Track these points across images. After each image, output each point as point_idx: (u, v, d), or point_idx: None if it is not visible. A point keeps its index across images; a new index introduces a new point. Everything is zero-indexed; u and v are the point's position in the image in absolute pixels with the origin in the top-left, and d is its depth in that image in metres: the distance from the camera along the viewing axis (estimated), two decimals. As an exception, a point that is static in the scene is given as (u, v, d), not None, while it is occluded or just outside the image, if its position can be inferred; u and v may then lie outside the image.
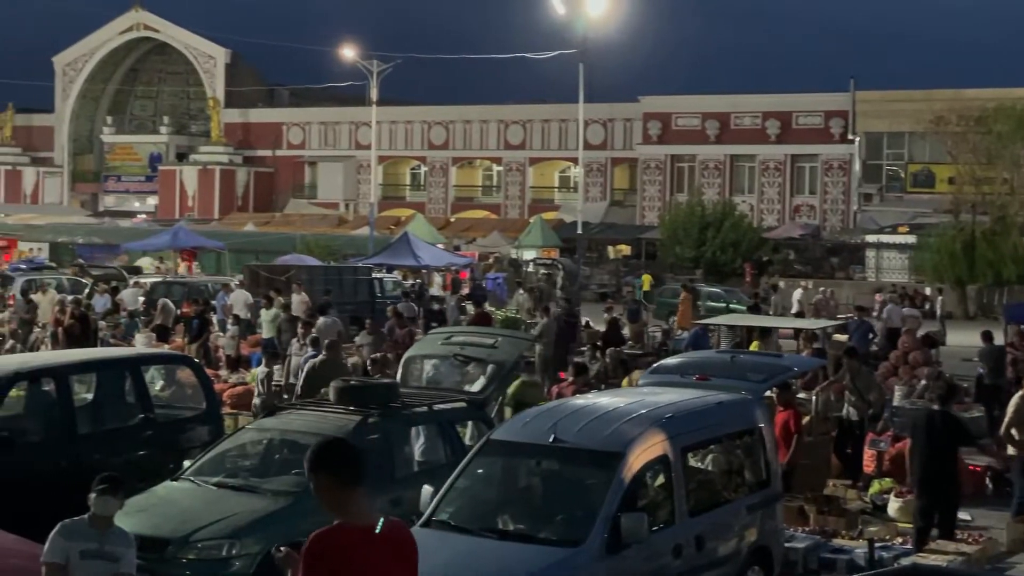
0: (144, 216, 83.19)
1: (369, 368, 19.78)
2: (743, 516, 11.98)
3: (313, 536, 5.91)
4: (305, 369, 19.03)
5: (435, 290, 43.89)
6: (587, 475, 10.98)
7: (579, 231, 51.48)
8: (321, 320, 24.79)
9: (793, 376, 16.96)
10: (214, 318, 30.71)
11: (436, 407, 14.53)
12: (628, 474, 10.62)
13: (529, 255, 58.01)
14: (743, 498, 12.11)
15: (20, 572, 10.50)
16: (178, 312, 31.48)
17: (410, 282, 42.56)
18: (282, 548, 6.55)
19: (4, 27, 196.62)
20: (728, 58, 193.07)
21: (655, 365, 15.15)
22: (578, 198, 59.32)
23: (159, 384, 17.63)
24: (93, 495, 8.97)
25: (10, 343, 27.34)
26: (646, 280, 54.25)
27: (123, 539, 8.99)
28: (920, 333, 26.96)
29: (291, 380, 21.04)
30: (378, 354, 21.62)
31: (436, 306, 35.80)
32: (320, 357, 19.14)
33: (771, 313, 38.18)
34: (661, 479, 11.20)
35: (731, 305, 42.17)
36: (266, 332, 27.96)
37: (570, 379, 20.07)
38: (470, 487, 11.29)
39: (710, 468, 12.24)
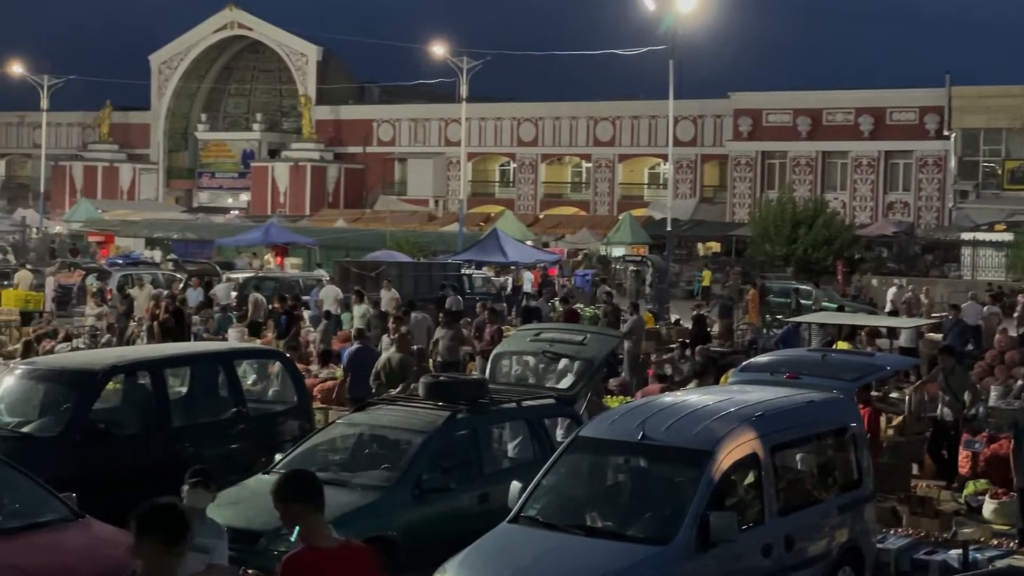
0: (237, 212, 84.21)
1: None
2: (834, 516, 11.86)
3: (284, 559, 6.60)
4: (381, 361, 19.15)
5: (525, 287, 43.93)
6: (675, 473, 10.94)
7: (668, 228, 51.23)
8: (412, 315, 24.97)
9: (886, 375, 16.75)
10: (306, 313, 31.00)
11: (525, 403, 14.56)
12: (717, 472, 10.56)
13: (618, 252, 57.81)
14: (834, 498, 11.98)
15: (118, 562, 10.69)
16: (270, 307, 31.82)
17: (500, 279, 42.66)
18: (249, 571, 7.04)
19: (102, 26, 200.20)
20: (820, 54, 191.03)
21: (745, 363, 15.05)
22: (667, 195, 59.02)
23: (251, 378, 17.79)
24: (186, 487, 9.09)
25: (107, 337, 27.82)
26: (706, 276, 53.88)
27: (215, 531, 9.08)
28: (1015, 332, 26.47)
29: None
30: (415, 347, 21.81)
31: (532, 303, 35.68)
32: (391, 351, 19.29)
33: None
34: (750, 478, 11.12)
35: (823, 303, 41.76)
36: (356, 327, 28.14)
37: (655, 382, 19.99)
38: (558, 484, 11.30)
39: (800, 467, 12.13)
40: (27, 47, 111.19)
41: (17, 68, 74.62)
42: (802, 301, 41.65)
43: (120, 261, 46.82)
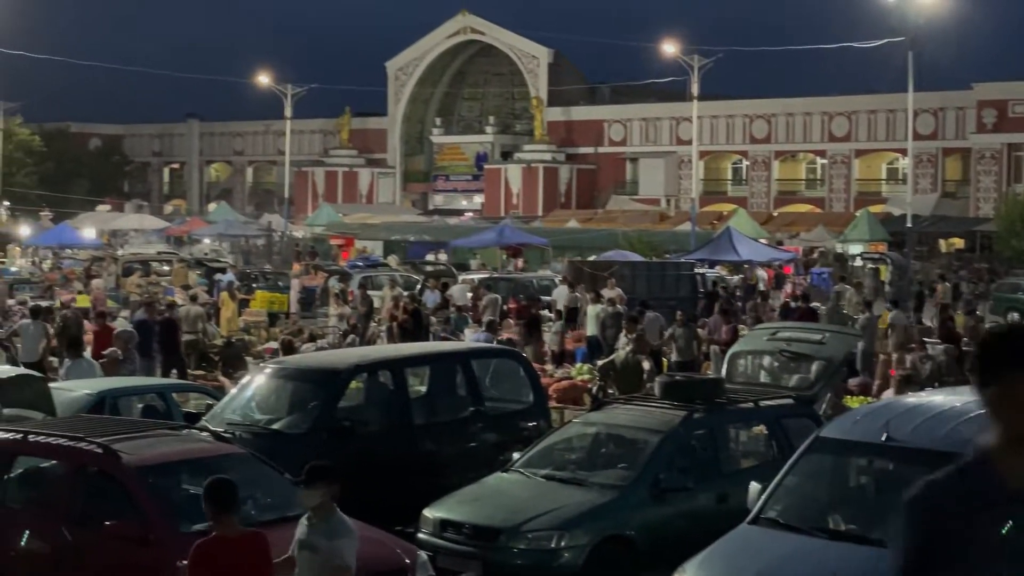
0: (471, 214, 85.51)
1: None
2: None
3: (194, 545, 8.35)
4: (618, 360, 19.17)
5: (759, 285, 43.31)
6: (922, 476, 10.60)
7: (908, 224, 49.87)
8: (646, 315, 24.96)
9: None
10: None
11: (762, 403, 14.38)
12: (967, 476, 10.18)
13: (855, 249, 56.50)
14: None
15: (362, 556, 10.97)
16: (504, 308, 32.20)
17: (736, 277, 42.18)
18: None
19: (342, 36, 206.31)
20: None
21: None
22: (907, 190, 57.42)
23: (488, 378, 18.00)
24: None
25: (349, 337, 28.61)
26: (882, 270, 51.93)
27: (330, 531, 8.88)
28: None
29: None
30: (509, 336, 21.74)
31: (806, 304, 34.71)
32: (628, 349, 19.30)
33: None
34: (1003, 482, 10.68)
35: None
36: (590, 328, 28.23)
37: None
38: (799, 485, 11.09)
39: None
40: (271, 58, 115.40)
41: (263, 79, 77.50)
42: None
43: (360, 263, 48.08)
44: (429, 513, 12.82)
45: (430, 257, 52.63)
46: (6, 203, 77.21)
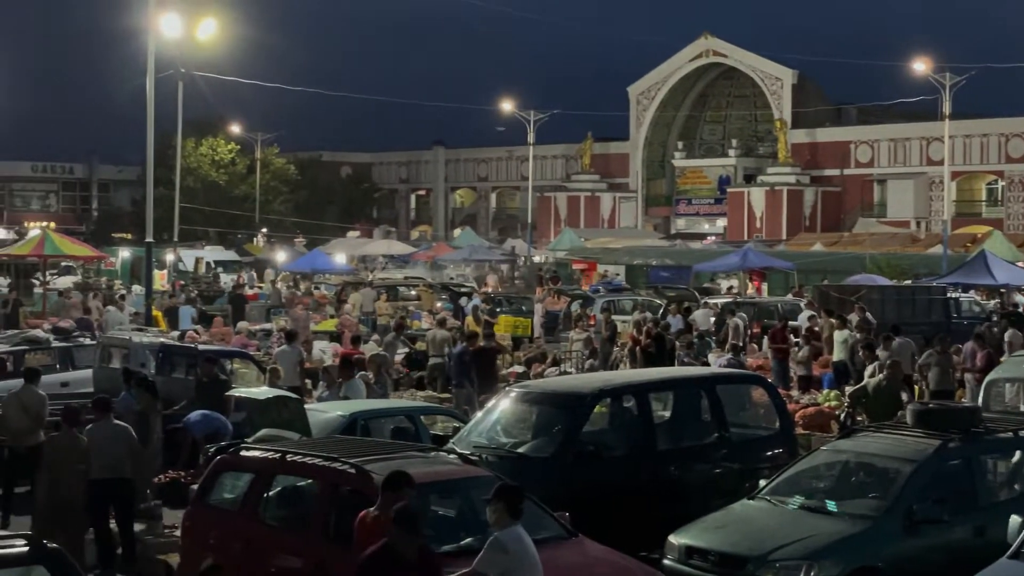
0: (713, 238, 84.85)
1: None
2: None
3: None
4: (870, 387, 18.67)
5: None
6: None
7: None
8: (896, 341, 24.28)
9: None
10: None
11: (1023, 433, 13.81)
12: None
13: (1121, 271, 53.69)
14: None
15: (607, 581, 10.98)
16: (750, 332, 31.79)
17: (992, 302, 40.65)
18: None
19: (584, 62, 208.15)
20: None
21: None
22: None
23: (734, 403, 17.77)
24: None
25: (590, 361, 28.70)
26: None
27: (489, 544, 9.24)
28: None
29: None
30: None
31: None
32: (882, 376, 18.74)
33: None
34: None
35: None
36: (836, 353, 27.62)
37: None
38: (1064, 520, 10.62)
39: None
40: (514, 85, 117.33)
41: (507, 105, 78.82)
42: None
43: (602, 288, 48.23)
44: (675, 539, 12.75)
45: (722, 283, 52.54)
46: (264, 230, 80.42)
